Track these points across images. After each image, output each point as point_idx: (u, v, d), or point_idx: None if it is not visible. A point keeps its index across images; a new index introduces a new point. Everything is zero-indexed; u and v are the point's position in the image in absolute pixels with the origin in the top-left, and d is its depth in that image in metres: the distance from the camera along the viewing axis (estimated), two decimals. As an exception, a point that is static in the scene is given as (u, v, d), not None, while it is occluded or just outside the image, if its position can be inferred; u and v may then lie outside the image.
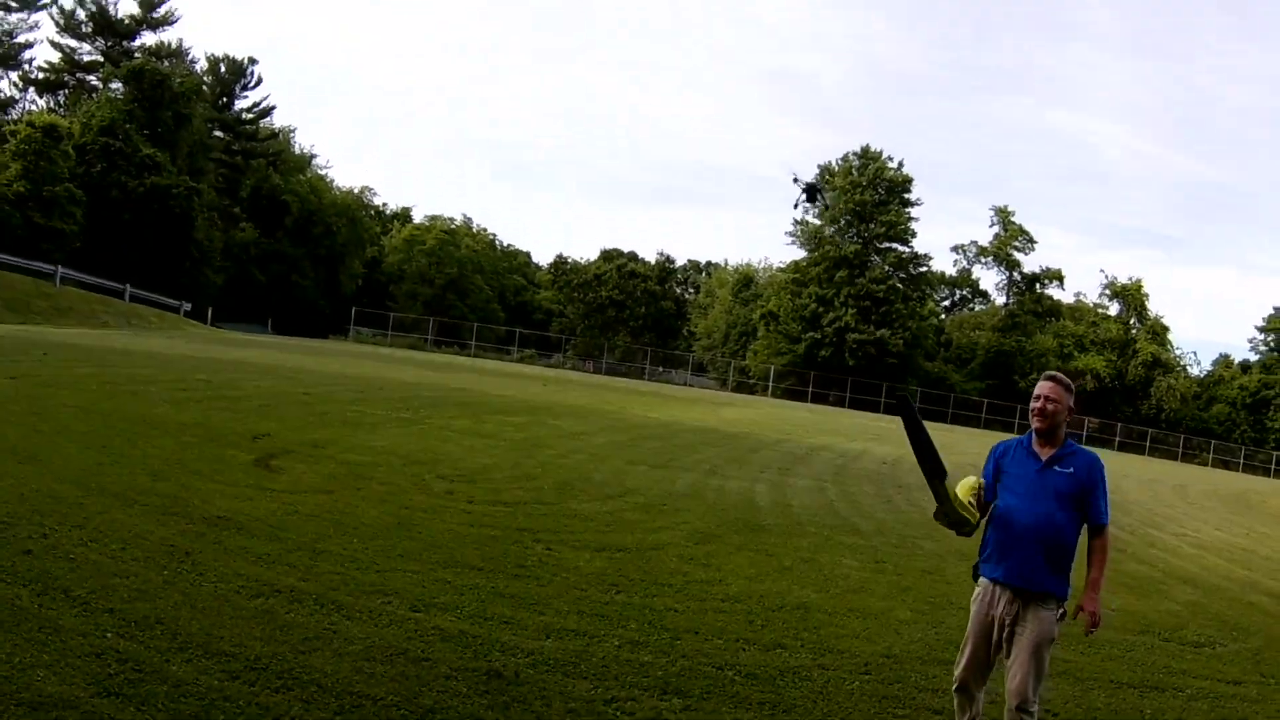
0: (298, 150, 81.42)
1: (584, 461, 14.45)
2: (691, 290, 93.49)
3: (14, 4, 55.63)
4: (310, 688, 5.02)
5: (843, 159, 71.49)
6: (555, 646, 6.11)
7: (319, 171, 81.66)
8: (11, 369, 16.85)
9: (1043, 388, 4.93)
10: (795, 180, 25.48)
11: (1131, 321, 72.87)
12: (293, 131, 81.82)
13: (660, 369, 73.69)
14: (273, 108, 76.51)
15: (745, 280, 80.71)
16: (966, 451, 24.49)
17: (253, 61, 74.03)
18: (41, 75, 64.45)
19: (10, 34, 56.53)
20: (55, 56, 64.85)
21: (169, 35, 68.70)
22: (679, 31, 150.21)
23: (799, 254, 72.63)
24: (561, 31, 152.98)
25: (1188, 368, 74.17)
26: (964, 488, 4.87)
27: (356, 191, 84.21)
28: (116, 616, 5.65)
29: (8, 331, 26.94)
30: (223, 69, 72.96)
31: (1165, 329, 72.51)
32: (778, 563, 9.26)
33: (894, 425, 40.40)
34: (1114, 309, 74.80)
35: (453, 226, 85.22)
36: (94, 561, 6.62)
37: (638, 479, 13.29)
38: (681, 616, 7.06)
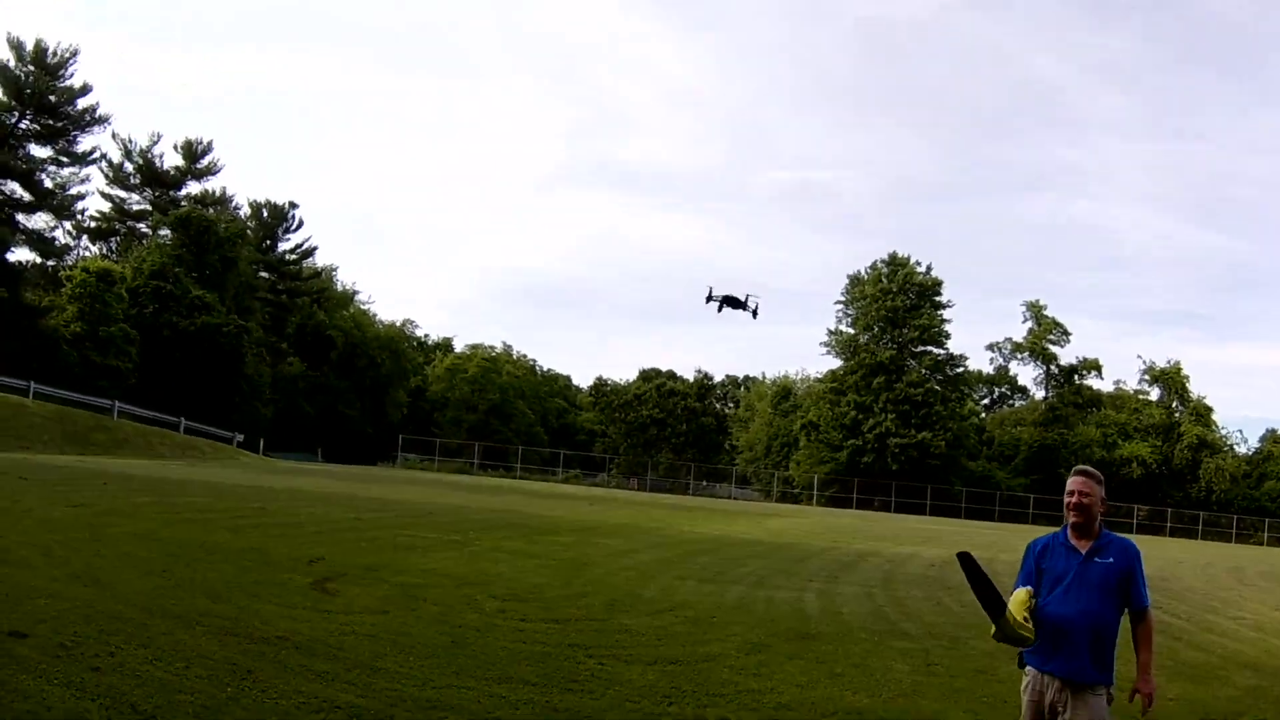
0: (340, 287, 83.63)
1: (633, 578, 14.44)
2: (731, 405, 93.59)
3: (65, 159, 58.25)
4: (368, 800, 5.13)
5: (871, 267, 72.55)
6: (609, 758, 6.13)
7: (362, 306, 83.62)
8: (75, 498, 17.31)
9: (1074, 483, 5.03)
10: (710, 299, 24.90)
11: (1174, 405, 72.32)
12: (335, 270, 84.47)
13: (704, 484, 73.41)
14: (314, 248, 79.21)
15: (784, 392, 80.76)
16: (1016, 549, 24.12)
17: (293, 206, 76.88)
18: (94, 224, 67.55)
19: (64, 187, 59.00)
20: (106, 206, 68.40)
21: (213, 184, 71.94)
22: (698, 153, 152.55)
23: (835, 363, 73.10)
24: (588, 162, 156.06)
25: (1234, 446, 73.21)
26: (1016, 605, 4.92)
27: (398, 324, 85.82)
28: (182, 732, 5.80)
29: (69, 463, 27.57)
30: (265, 214, 75.70)
31: (1209, 409, 71.89)
32: (829, 670, 9.18)
33: (941, 526, 40.05)
34: (1155, 394, 74.47)
35: (493, 354, 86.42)
36: (159, 679, 6.80)
37: (687, 593, 13.26)
38: (734, 727, 7.05)
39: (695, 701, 7.60)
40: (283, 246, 77.15)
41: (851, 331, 72.17)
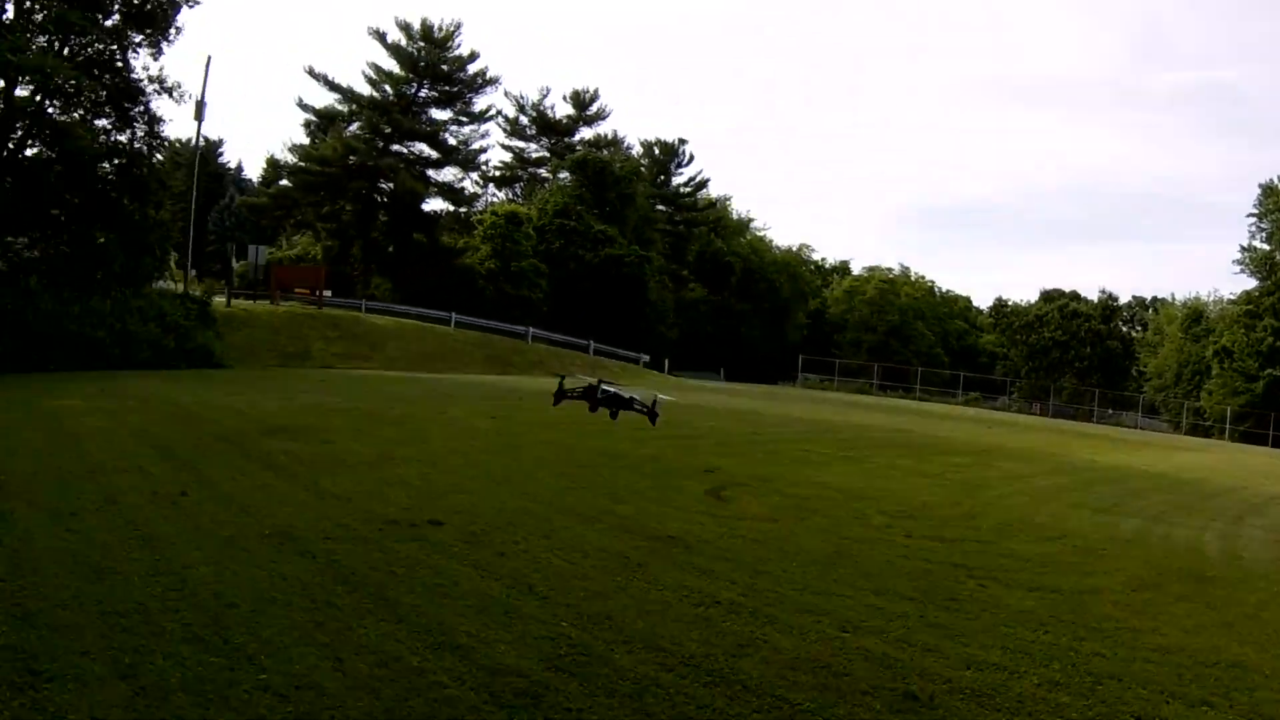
0: (735, 216, 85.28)
1: (1025, 503, 14.07)
2: (1139, 328, 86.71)
3: (464, 119, 64.54)
4: (735, 686, 5.51)
5: (1283, 174, 62.99)
6: (974, 677, 6.09)
7: (758, 233, 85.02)
8: (493, 410, 19.26)
9: None
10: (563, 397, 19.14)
11: None
12: (729, 199, 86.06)
13: (1110, 411, 68.52)
14: (707, 180, 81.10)
15: (1195, 315, 73.06)
16: None
17: (683, 142, 79.43)
18: (497, 173, 74.60)
19: (466, 143, 65.50)
20: (507, 157, 75.23)
21: (603, 128, 75.91)
22: (1092, 58, 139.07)
23: (1249, 283, 64.74)
24: (981, 75, 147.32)
25: None
26: None
27: (795, 249, 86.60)
28: (572, 610, 6.53)
29: (490, 381, 30.43)
30: (657, 151, 78.93)
31: None
32: (1219, 616, 8.49)
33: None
34: None
35: (891, 276, 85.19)
36: (556, 566, 7.64)
37: (1079, 522, 12.75)
38: (1107, 662, 6.70)
39: (1071, 633, 7.32)
40: (676, 180, 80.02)
41: (1266, 248, 63.51)
